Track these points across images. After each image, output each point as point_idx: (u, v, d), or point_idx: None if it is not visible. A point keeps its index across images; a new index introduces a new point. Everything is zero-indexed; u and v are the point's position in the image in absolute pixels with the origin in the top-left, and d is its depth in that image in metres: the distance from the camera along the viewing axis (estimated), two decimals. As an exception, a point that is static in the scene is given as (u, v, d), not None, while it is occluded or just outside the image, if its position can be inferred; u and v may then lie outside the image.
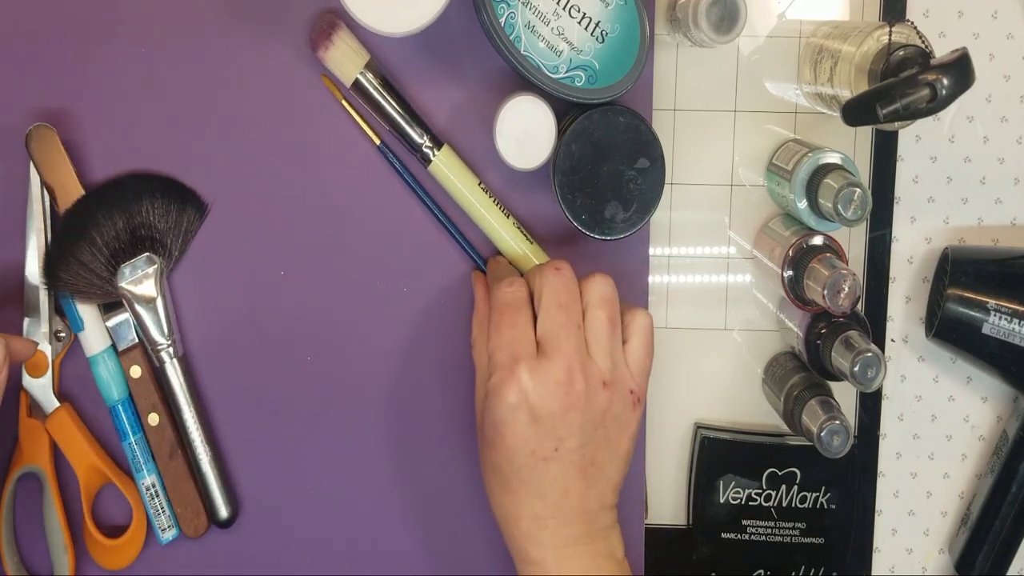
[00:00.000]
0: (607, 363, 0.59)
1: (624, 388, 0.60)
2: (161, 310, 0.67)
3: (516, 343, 0.58)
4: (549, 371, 0.57)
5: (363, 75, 0.66)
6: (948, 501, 0.76)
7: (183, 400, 0.68)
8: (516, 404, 0.57)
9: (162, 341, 0.67)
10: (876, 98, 0.55)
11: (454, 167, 0.67)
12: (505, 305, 0.59)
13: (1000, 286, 0.69)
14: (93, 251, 0.66)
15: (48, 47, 0.68)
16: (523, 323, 0.59)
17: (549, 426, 0.57)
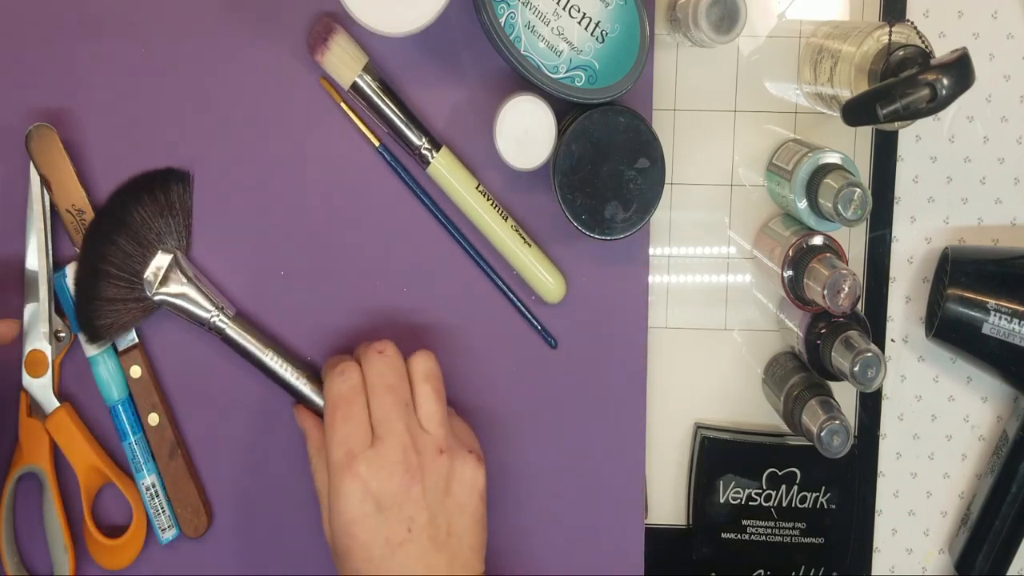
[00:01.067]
0: (440, 432, 0.60)
1: (462, 450, 0.61)
2: (197, 292, 0.66)
3: (351, 438, 0.59)
4: (385, 455, 0.58)
5: (361, 78, 0.66)
6: (948, 501, 0.76)
7: (259, 353, 0.66)
8: (360, 497, 0.57)
9: (211, 312, 0.66)
10: (876, 98, 0.55)
11: (452, 169, 0.67)
12: (338, 398, 0.60)
13: (1000, 286, 0.69)
14: (115, 283, 0.65)
15: (48, 47, 0.68)
16: (356, 414, 0.60)
17: (396, 508, 0.58)
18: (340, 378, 0.61)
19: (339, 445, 0.59)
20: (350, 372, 0.61)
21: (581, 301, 0.71)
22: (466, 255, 0.70)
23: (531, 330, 0.71)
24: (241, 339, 0.66)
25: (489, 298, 0.70)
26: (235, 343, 0.66)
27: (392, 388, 0.60)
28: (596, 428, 0.71)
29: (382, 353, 0.61)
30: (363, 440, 0.59)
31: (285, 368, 0.66)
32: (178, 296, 0.65)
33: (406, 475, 0.58)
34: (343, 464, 0.58)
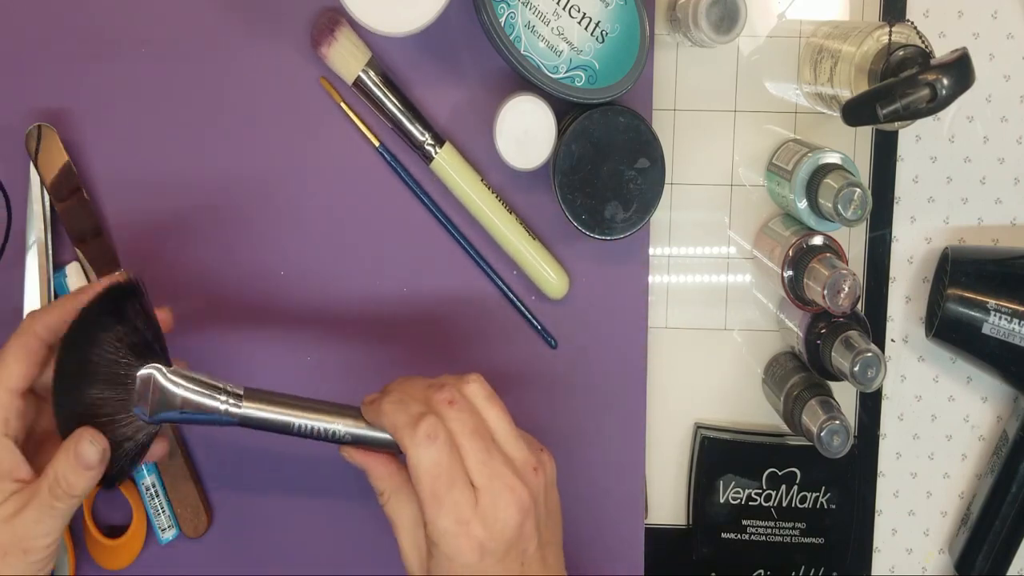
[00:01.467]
0: (523, 449, 0.57)
1: (541, 453, 0.59)
2: (195, 395, 0.57)
3: (459, 504, 0.54)
4: (496, 506, 0.55)
5: (365, 73, 0.66)
6: (948, 501, 0.76)
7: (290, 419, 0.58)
8: (480, 555, 0.54)
9: (219, 406, 0.57)
10: (876, 98, 0.55)
11: (456, 164, 0.67)
12: (436, 467, 0.54)
13: (1000, 286, 0.69)
14: (109, 431, 0.57)
15: (48, 48, 0.68)
16: (457, 477, 0.55)
17: (514, 550, 0.56)
18: (431, 444, 0.55)
19: (448, 514, 0.54)
20: (437, 433, 0.55)
21: (581, 301, 0.71)
22: (466, 255, 0.70)
23: (531, 330, 0.71)
24: (263, 417, 0.58)
25: (489, 298, 0.70)
26: (259, 422, 0.58)
27: (477, 432, 0.56)
28: (596, 428, 0.71)
29: (453, 403, 0.56)
30: (470, 501, 0.55)
31: (321, 422, 0.58)
32: (177, 409, 0.57)
33: (519, 515, 0.55)
34: (456, 532, 0.54)
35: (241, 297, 0.70)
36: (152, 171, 0.69)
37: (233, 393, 0.57)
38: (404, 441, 0.54)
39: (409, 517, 0.57)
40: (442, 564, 0.55)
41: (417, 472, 0.54)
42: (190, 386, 0.57)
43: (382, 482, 0.58)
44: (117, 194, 0.69)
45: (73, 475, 0.54)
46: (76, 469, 0.54)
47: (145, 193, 0.69)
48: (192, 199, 0.69)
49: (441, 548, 0.54)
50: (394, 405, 0.56)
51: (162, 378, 0.56)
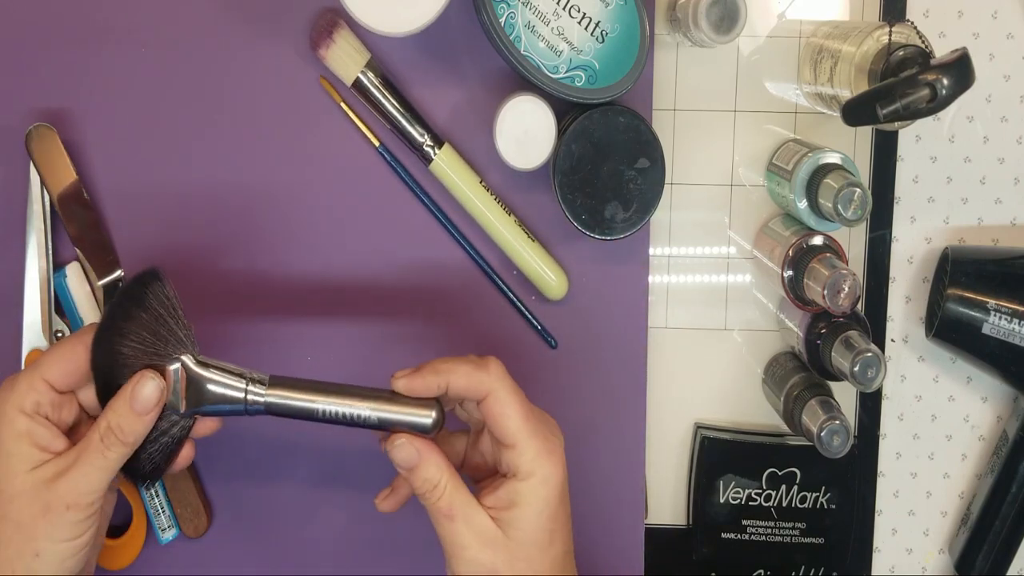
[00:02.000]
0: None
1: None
2: (221, 385, 0.56)
3: (541, 426, 0.57)
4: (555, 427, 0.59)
5: (364, 74, 0.66)
6: (948, 501, 0.76)
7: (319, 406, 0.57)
8: (563, 476, 0.57)
9: (245, 395, 0.57)
10: (876, 98, 0.55)
11: (455, 166, 0.67)
12: (518, 395, 0.57)
13: (1000, 286, 0.69)
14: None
15: (48, 48, 0.68)
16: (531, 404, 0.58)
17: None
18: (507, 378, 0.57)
19: (539, 439, 0.56)
20: (505, 372, 0.57)
21: (581, 301, 0.71)
22: (466, 255, 0.70)
23: (531, 330, 0.71)
24: (289, 404, 0.57)
25: (489, 298, 0.70)
26: (285, 409, 0.57)
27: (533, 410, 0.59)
28: (596, 428, 0.71)
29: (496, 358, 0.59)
30: (544, 420, 0.58)
31: (347, 406, 0.57)
32: (207, 400, 0.57)
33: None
34: (549, 450, 0.56)
35: (241, 296, 0.70)
36: (152, 171, 0.69)
37: (258, 380, 0.57)
38: (484, 381, 0.55)
39: (467, 501, 0.56)
40: (534, 499, 0.55)
41: (505, 404, 0.56)
42: (217, 376, 0.56)
43: (439, 471, 0.56)
44: (117, 194, 0.69)
45: (127, 420, 0.54)
46: (131, 414, 0.54)
47: (145, 193, 0.69)
48: (192, 199, 0.69)
49: (538, 474, 0.55)
50: (451, 360, 0.57)
51: (193, 368, 0.56)
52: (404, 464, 0.56)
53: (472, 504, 0.56)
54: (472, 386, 0.56)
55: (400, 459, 0.56)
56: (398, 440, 0.56)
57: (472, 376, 0.56)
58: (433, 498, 0.56)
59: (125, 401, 0.55)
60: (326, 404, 0.57)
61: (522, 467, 0.55)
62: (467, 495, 0.56)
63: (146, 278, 0.56)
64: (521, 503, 0.55)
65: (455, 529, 0.55)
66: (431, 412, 0.56)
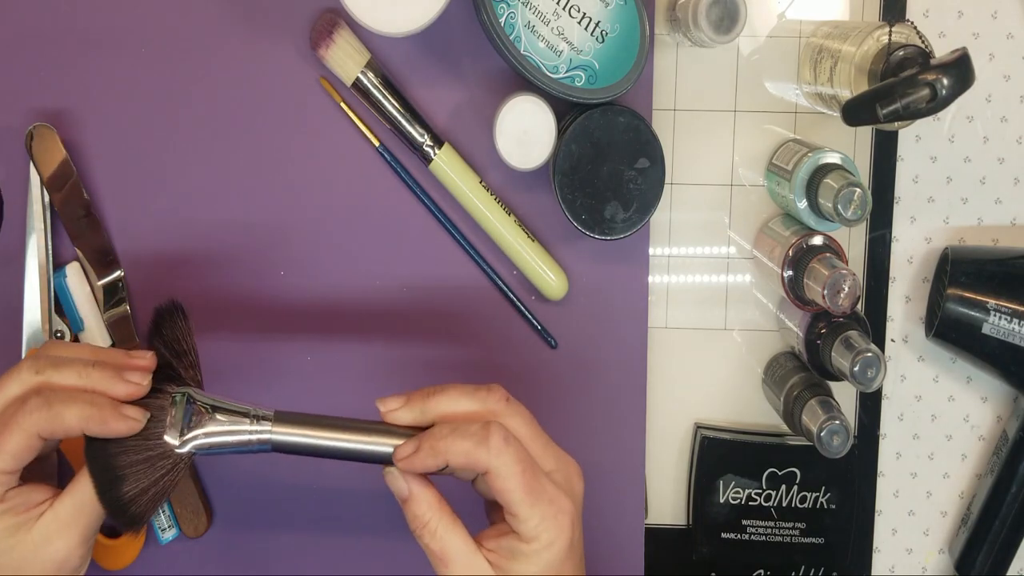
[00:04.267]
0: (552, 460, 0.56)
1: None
2: (225, 425, 0.55)
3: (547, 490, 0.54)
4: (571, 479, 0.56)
5: (364, 74, 0.66)
6: (948, 501, 0.76)
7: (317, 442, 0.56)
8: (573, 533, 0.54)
9: (250, 435, 0.55)
10: (876, 98, 0.55)
11: (455, 166, 0.67)
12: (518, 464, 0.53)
13: (1000, 286, 0.69)
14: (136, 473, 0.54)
15: (48, 48, 0.68)
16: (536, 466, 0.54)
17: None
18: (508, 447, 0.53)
19: (544, 503, 0.53)
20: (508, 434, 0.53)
21: (581, 301, 0.71)
22: (466, 255, 0.70)
23: (531, 330, 0.71)
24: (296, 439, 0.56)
25: (489, 298, 0.70)
26: (292, 447, 0.56)
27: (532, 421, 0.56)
28: (596, 428, 0.71)
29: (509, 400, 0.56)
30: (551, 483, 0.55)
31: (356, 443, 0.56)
32: (208, 436, 0.55)
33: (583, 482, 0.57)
34: (555, 513, 0.53)
35: (240, 296, 0.70)
36: (151, 171, 0.69)
37: (263, 416, 0.55)
38: (481, 459, 0.52)
39: (462, 546, 0.53)
40: (536, 560, 0.53)
41: (505, 479, 0.52)
42: (219, 415, 0.55)
43: (432, 510, 0.54)
44: (117, 194, 0.69)
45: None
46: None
47: (144, 193, 0.69)
48: (191, 199, 0.69)
49: (542, 539, 0.53)
50: (449, 435, 0.53)
51: (197, 402, 0.55)
52: (396, 495, 0.55)
53: (469, 549, 0.53)
54: (470, 464, 0.53)
55: (392, 490, 0.55)
56: (390, 470, 0.55)
57: (470, 455, 0.53)
58: (424, 538, 0.54)
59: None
60: (334, 441, 0.55)
61: (525, 532, 0.53)
62: (463, 539, 0.53)
63: (163, 311, 0.56)
64: (523, 561, 0.53)
65: (447, 568, 0.53)
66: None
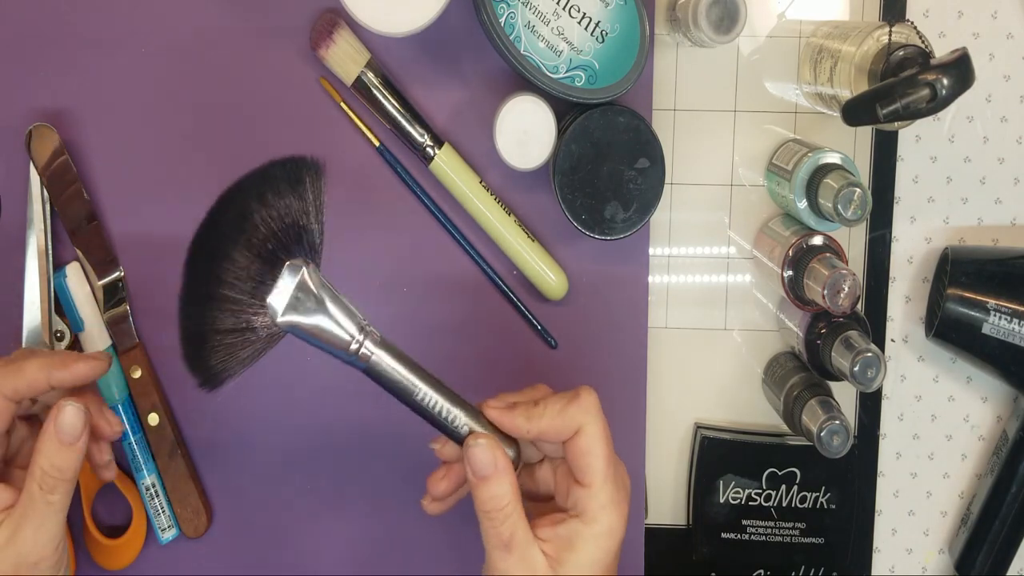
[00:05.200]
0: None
1: None
2: (337, 311, 0.51)
3: (621, 475, 0.55)
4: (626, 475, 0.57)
5: (364, 74, 0.66)
6: (948, 501, 0.76)
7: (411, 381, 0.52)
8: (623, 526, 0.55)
9: (353, 338, 0.52)
10: (876, 98, 0.55)
11: (455, 166, 0.67)
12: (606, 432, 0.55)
13: (1000, 286, 0.69)
14: (232, 309, 0.53)
15: (48, 48, 0.68)
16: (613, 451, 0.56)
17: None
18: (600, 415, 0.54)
19: (616, 484, 0.54)
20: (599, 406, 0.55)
21: (581, 301, 0.71)
22: (466, 255, 0.70)
23: (531, 330, 0.71)
24: (392, 372, 0.52)
25: (489, 298, 0.70)
26: (383, 377, 0.52)
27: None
28: (596, 428, 0.71)
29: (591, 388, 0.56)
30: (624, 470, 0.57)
31: (446, 402, 0.53)
32: (310, 323, 0.51)
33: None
34: (620, 500, 0.54)
35: (241, 297, 0.70)
36: (151, 171, 0.69)
37: (371, 333, 0.51)
38: (575, 416, 0.52)
39: (526, 533, 0.53)
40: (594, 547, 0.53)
41: (593, 439, 0.53)
42: (331, 307, 0.50)
43: (513, 491, 0.53)
44: (117, 194, 0.69)
45: (59, 456, 0.53)
46: (60, 449, 0.53)
47: (144, 192, 0.69)
48: (191, 199, 0.69)
49: (603, 523, 0.53)
50: (544, 400, 0.54)
51: (309, 280, 0.50)
52: (478, 469, 0.53)
53: (530, 538, 0.53)
54: (564, 424, 0.53)
55: (477, 461, 0.52)
56: (481, 439, 0.52)
57: (563, 414, 0.53)
58: (496, 520, 0.52)
59: (51, 438, 0.53)
60: (425, 392, 0.52)
61: (591, 511, 0.53)
62: (527, 527, 0.53)
63: (309, 164, 0.52)
64: (580, 548, 0.52)
65: (508, 562, 0.52)
66: (511, 449, 0.54)
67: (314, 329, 0.50)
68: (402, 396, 0.52)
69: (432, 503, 0.57)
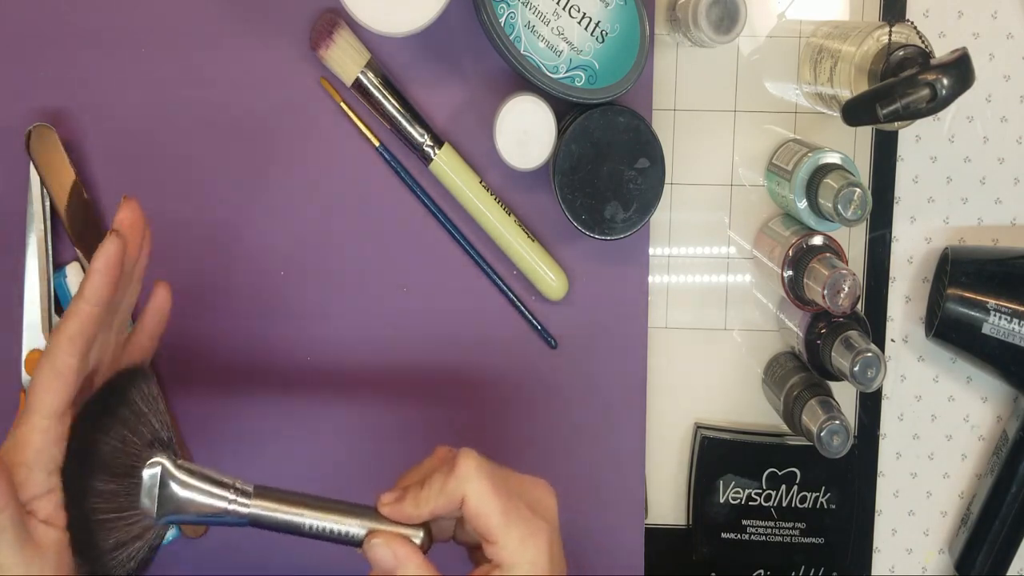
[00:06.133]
0: None
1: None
2: (205, 485, 0.53)
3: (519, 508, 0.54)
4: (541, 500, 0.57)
5: (364, 74, 0.66)
6: (948, 501, 0.76)
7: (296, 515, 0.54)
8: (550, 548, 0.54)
9: (228, 500, 0.54)
10: (876, 98, 0.55)
11: (455, 166, 0.67)
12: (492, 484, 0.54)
13: (1000, 286, 0.69)
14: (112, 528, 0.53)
15: (48, 48, 0.68)
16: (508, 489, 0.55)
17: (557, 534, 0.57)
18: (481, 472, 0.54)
19: (519, 523, 0.54)
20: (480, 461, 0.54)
21: (581, 301, 0.71)
22: (466, 255, 0.70)
23: (531, 330, 0.71)
24: (275, 516, 0.54)
25: (489, 298, 0.70)
26: (269, 522, 0.54)
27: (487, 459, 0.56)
28: (596, 428, 0.71)
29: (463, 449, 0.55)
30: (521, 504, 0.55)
31: (335, 523, 0.55)
32: (185, 508, 0.53)
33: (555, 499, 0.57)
34: (531, 532, 0.54)
35: (238, 295, 0.70)
36: (151, 171, 0.69)
37: (242, 490, 0.54)
38: (456, 488, 0.53)
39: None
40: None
41: (479, 502, 0.53)
42: (198, 483, 0.53)
43: (422, 568, 0.53)
44: (117, 194, 0.69)
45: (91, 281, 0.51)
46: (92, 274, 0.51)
47: (144, 193, 0.69)
48: (191, 199, 0.69)
49: (523, 563, 0.53)
50: (427, 482, 0.54)
51: (171, 471, 0.53)
52: (381, 566, 0.54)
53: None
54: (448, 500, 0.53)
55: (377, 560, 0.54)
56: (375, 538, 0.54)
57: (444, 491, 0.53)
58: None
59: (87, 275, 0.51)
60: (313, 519, 0.54)
61: (506, 559, 0.53)
62: None
63: (133, 375, 0.54)
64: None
65: None
66: (419, 532, 0.55)
67: (190, 509, 0.53)
68: (293, 532, 0.55)
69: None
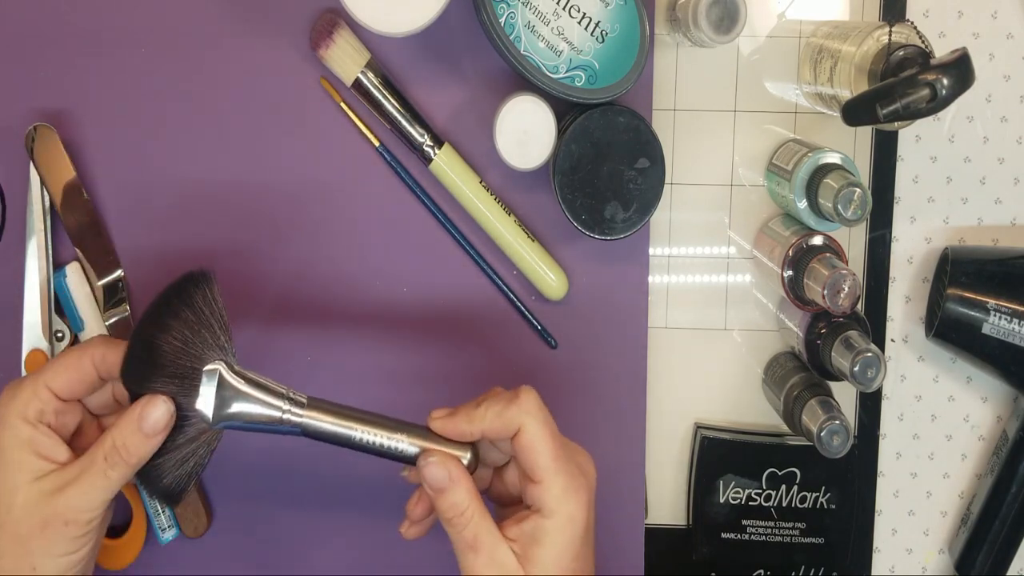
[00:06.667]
0: None
1: None
2: (259, 394, 0.54)
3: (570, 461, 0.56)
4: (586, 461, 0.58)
5: (364, 74, 0.66)
6: (948, 501, 0.76)
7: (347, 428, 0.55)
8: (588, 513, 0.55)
9: (282, 411, 0.55)
10: (876, 98, 0.55)
11: (455, 166, 0.67)
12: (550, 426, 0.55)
13: (1000, 286, 0.69)
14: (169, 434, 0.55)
15: (48, 48, 0.68)
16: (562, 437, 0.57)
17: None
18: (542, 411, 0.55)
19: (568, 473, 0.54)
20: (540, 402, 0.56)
21: (581, 301, 0.71)
22: (466, 255, 0.70)
23: (531, 330, 0.71)
24: (326, 427, 0.55)
25: (489, 298, 0.70)
26: (320, 433, 0.55)
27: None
28: (596, 428, 0.71)
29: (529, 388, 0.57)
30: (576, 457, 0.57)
31: (385, 437, 0.55)
32: (240, 414, 0.54)
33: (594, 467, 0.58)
34: (577, 487, 0.54)
35: (239, 296, 0.70)
36: (152, 171, 0.69)
37: (296, 400, 0.55)
38: (514, 417, 0.54)
39: (492, 533, 0.54)
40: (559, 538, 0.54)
41: (535, 438, 0.54)
42: (253, 392, 0.54)
43: (468, 497, 0.54)
44: (117, 194, 0.69)
45: (133, 440, 0.53)
46: (138, 434, 0.53)
47: (145, 193, 0.69)
48: (192, 199, 0.69)
49: (563, 512, 0.54)
50: (485, 403, 0.55)
51: (228, 376, 0.54)
52: (434, 484, 0.54)
53: (496, 537, 0.54)
54: (504, 425, 0.54)
55: (431, 478, 0.54)
56: (432, 456, 0.55)
57: (503, 415, 0.54)
58: (459, 526, 0.54)
59: (133, 420, 0.53)
60: (363, 432, 0.55)
61: (547, 504, 0.54)
62: (492, 527, 0.54)
63: (196, 278, 0.55)
64: (545, 542, 0.53)
65: (477, 562, 0.54)
66: (466, 453, 0.55)
67: (245, 417, 0.54)
68: (343, 444, 0.55)
69: (410, 528, 0.59)
